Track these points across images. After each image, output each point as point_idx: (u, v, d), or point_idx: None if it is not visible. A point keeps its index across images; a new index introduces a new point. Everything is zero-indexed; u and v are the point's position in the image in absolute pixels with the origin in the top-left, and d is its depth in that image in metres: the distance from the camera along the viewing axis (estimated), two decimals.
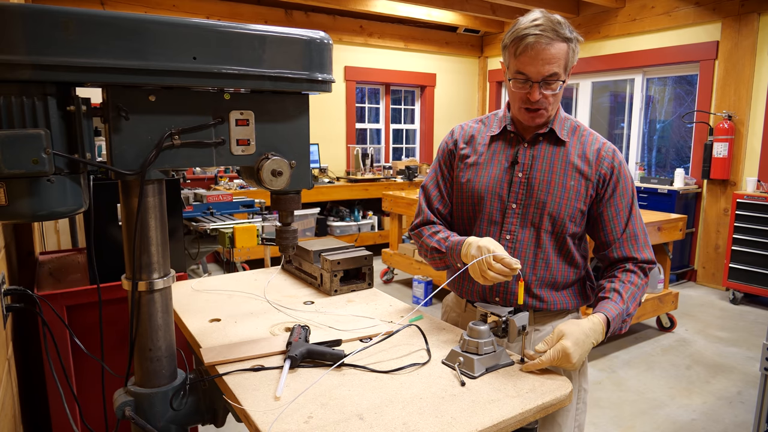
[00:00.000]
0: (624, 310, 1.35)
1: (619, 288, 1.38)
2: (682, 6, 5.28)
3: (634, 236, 1.43)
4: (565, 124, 1.47)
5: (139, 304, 1.09)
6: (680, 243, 5.19)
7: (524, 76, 1.34)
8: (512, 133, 1.48)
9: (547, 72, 1.32)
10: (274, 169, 1.08)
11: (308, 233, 5.84)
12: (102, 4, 4.97)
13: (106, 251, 1.92)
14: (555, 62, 1.31)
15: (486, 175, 1.48)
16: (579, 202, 1.42)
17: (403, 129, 7.70)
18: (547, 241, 1.43)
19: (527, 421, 1.03)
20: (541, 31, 1.29)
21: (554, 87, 1.35)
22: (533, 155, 1.45)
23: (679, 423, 2.80)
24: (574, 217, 1.42)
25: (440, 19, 6.38)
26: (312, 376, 1.15)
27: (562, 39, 1.31)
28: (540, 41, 1.29)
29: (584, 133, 1.48)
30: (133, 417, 1.09)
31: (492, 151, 1.50)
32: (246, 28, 1.01)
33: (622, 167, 1.44)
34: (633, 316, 1.40)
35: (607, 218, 1.44)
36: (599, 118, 6.65)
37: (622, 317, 1.35)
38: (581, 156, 1.44)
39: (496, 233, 1.46)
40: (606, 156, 1.44)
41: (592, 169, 1.43)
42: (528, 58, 1.31)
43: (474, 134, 1.55)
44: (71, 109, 0.91)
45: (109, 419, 1.24)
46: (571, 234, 1.44)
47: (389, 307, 1.60)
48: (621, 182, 1.43)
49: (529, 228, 1.43)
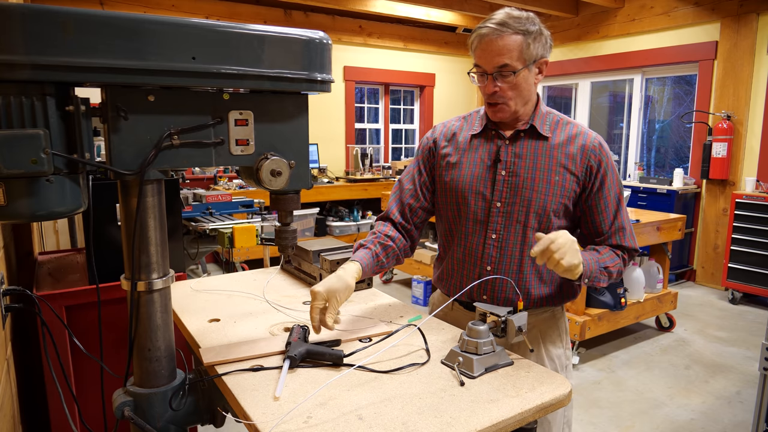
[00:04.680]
0: (599, 259, 1.41)
1: (598, 249, 1.47)
2: (681, 6, 5.28)
3: (623, 228, 1.47)
4: (547, 119, 1.48)
5: (138, 304, 1.09)
6: (679, 243, 5.19)
7: (480, 69, 1.40)
8: (493, 130, 1.48)
9: (497, 63, 1.36)
10: (274, 169, 1.08)
11: (307, 233, 5.84)
12: (101, 4, 4.96)
13: (105, 251, 1.92)
14: (506, 53, 1.35)
15: (469, 174, 1.48)
16: (564, 198, 1.43)
17: (402, 129, 7.70)
18: (533, 238, 1.43)
19: (526, 420, 1.03)
20: (494, 24, 1.35)
21: (508, 79, 1.37)
22: (516, 153, 1.45)
23: (678, 423, 2.81)
24: (559, 213, 1.44)
25: (439, 19, 6.38)
26: (311, 377, 1.15)
27: (516, 31, 1.35)
28: (490, 34, 1.35)
29: (567, 126, 1.48)
30: (132, 417, 1.09)
31: (474, 150, 1.50)
32: (245, 28, 1.01)
33: (609, 159, 1.46)
34: (612, 274, 1.43)
35: (597, 211, 1.46)
36: (598, 118, 6.66)
37: (598, 264, 1.40)
38: (566, 150, 1.44)
39: (481, 233, 1.46)
40: (593, 149, 1.44)
41: (577, 163, 1.43)
42: (480, 50, 1.38)
43: (456, 132, 1.56)
44: (70, 109, 0.91)
45: (108, 419, 1.24)
46: (557, 228, 1.44)
47: (388, 307, 1.60)
48: (609, 174, 1.45)
49: (515, 226, 1.44)
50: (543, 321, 1.52)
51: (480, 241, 1.47)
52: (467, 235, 1.49)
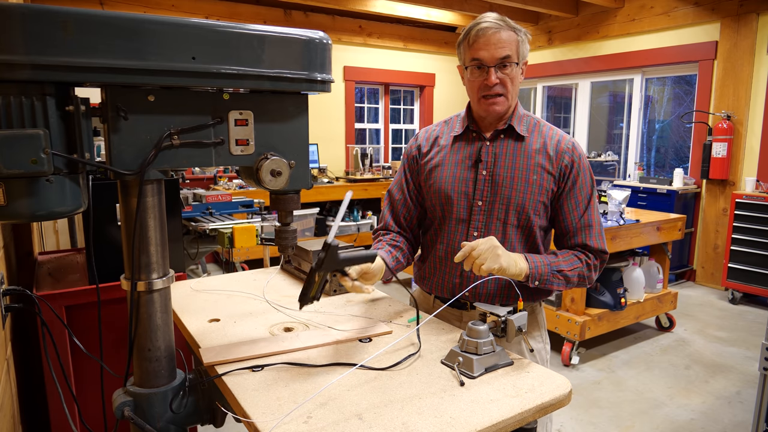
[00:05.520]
0: (553, 262, 1.43)
1: (558, 252, 1.48)
2: (681, 6, 5.28)
3: (589, 225, 1.49)
4: (524, 120, 1.53)
5: (138, 304, 1.09)
6: (679, 243, 5.19)
7: (479, 62, 1.42)
8: (474, 132, 1.53)
9: (500, 54, 1.40)
10: (273, 169, 1.08)
11: (307, 233, 5.84)
12: (101, 4, 4.96)
13: (105, 251, 1.92)
14: (507, 46, 1.41)
15: (451, 174, 1.53)
16: (542, 196, 1.47)
17: (402, 129, 7.69)
18: (513, 235, 1.48)
19: (526, 420, 1.03)
20: (491, 20, 1.41)
21: (509, 71, 1.42)
22: (495, 153, 1.50)
23: (678, 423, 2.81)
24: (538, 210, 1.47)
25: (439, 19, 6.38)
26: (311, 377, 1.15)
27: (511, 28, 1.42)
28: (491, 27, 1.40)
29: (544, 128, 1.53)
30: (132, 417, 1.09)
31: (455, 151, 1.55)
32: (245, 28, 1.01)
33: (581, 161, 1.49)
34: (569, 278, 1.44)
35: (567, 210, 1.49)
36: (598, 118, 6.66)
37: (550, 267, 1.42)
38: (542, 151, 1.48)
39: (463, 231, 1.51)
40: (566, 150, 1.48)
41: (553, 163, 1.47)
42: (481, 44, 1.41)
43: (438, 135, 1.61)
44: (70, 109, 0.91)
45: (108, 419, 1.24)
46: (538, 227, 1.49)
47: (388, 307, 1.60)
48: (581, 175, 1.48)
49: (496, 224, 1.48)
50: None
51: (462, 239, 1.50)
52: (450, 234, 1.53)
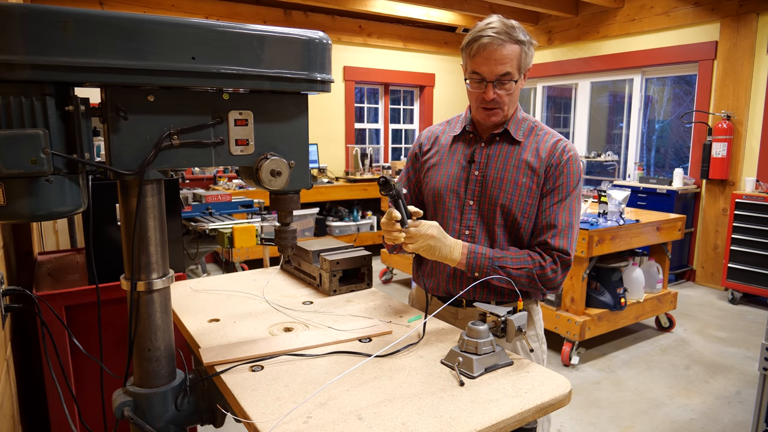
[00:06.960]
0: (498, 257, 1.43)
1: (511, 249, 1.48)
2: (680, 6, 5.29)
3: (554, 224, 1.45)
4: (522, 125, 1.53)
5: (138, 305, 1.09)
6: (679, 243, 5.20)
7: (479, 76, 1.42)
8: (471, 133, 1.56)
9: (500, 71, 1.39)
10: (273, 169, 1.08)
11: (307, 233, 5.84)
12: (101, 4, 4.96)
13: (105, 251, 1.92)
14: (507, 62, 1.39)
15: (446, 173, 1.56)
16: (530, 198, 1.47)
17: (402, 129, 7.70)
18: (501, 235, 1.49)
19: (526, 421, 1.03)
20: (495, 33, 1.37)
21: (508, 87, 1.42)
22: (488, 154, 1.52)
23: (678, 423, 2.81)
24: (526, 213, 1.48)
25: (439, 19, 6.38)
26: (312, 377, 1.15)
27: (515, 41, 1.39)
28: (493, 42, 1.37)
29: (541, 132, 1.53)
30: (131, 417, 1.09)
31: (452, 151, 1.58)
32: (245, 28, 1.01)
33: (569, 163, 1.47)
34: (513, 276, 1.42)
35: (541, 209, 1.48)
36: (598, 118, 6.66)
37: (491, 261, 1.42)
38: (535, 154, 1.49)
39: (455, 229, 1.53)
40: (556, 151, 1.48)
41: (542, 164, 1.47)
42: (482, 58, 1.39)
43: (439, 135, 1.64)
44: (70, 109, 0.91)
45: (108, 419, 1.24)
46: (524, 229, 1.49)
47: (388, 307, 1.60)
48: (564, 176, 1.46)
49: (485, 223, 1.50)
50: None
51: (455, 237, 1.51)
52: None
